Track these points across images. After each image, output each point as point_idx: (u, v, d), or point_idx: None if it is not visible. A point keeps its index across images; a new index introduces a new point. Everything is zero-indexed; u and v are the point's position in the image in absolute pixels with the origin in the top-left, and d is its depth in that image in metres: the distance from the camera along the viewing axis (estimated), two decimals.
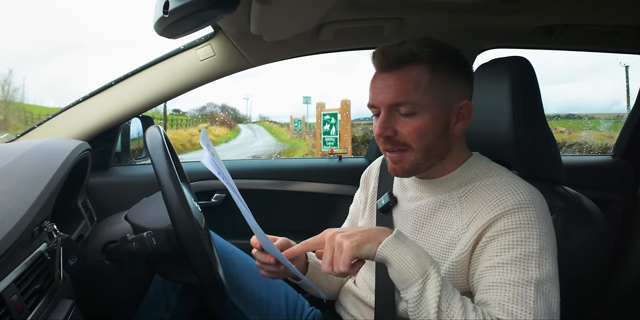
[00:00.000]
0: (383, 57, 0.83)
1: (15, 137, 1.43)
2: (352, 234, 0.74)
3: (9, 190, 0.80)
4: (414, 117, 0.83)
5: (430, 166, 0.88)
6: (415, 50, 0.82)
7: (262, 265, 0.90)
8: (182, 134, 12.14)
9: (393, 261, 0.73)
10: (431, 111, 0.82)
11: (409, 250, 0.73)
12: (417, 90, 0.81)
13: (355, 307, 1.01)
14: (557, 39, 1.42)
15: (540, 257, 0.75)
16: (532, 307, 0.71)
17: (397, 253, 0.73)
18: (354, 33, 1.37)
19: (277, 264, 0.87)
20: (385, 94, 0.83)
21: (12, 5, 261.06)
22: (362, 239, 0.74)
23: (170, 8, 0.78)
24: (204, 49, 1.39)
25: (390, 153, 0.87)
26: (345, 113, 4.20)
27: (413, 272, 0.72)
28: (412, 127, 0.83)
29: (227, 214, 1.65)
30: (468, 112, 0.87)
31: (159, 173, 0.89)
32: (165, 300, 1.17)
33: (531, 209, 0.78)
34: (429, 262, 0.73)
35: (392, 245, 0.73)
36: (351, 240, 0.73)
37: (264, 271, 0.91)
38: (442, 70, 0.83)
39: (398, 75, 0.82)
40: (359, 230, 0.76)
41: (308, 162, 1.88)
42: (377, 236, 0.75)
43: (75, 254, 0.91)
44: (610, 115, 7.30)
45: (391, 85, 0.82)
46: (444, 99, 0.84)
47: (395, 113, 0.84)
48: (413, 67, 0.82)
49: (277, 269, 0.89)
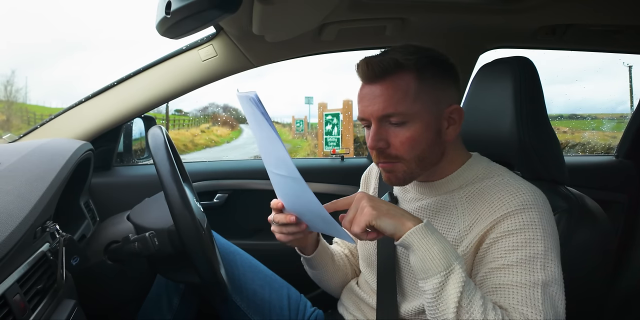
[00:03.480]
0: (367, 68, 0.81)
1: (18, 137, 1.43)
2: (379, 204, 0.75)
3: (11, 190, 0.81)
4: (405, 126, 0.81)
5: (425, 173, 0.87)
6: (400, 58, 0.80)
7: (281, 227, 0.87)
8: (184, 134, 12.16)
9: (418, 249, 0.72)
10: (422, 119, 0.81)
11: (437, 242, 0.72)
12: (406, 99, 0.80)
13: (357, 307, 1.01)
14: (559, 39, 1.41)
15: (546, 258, 0.74)
16: (541, 309, 0.71)
17: (424, 242, 0.72)
18: (356, 33, 1.37)
19: (297, 223, 0.85)
20: (373, 106, 0.82)
21: (18, 9, 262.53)
22: (385, 212, 0.74)
23: (173, 8, 0.78)
24: (206, 49, 1.39)
25: (382, 164, 0.86)
26: (348, 113, 4.20)
27: (437, 263, 0.71)
28: (405, 137, 0.81)
29: (230, 214, 1.65)
30: (459, 116, 0.85)
31: (161, 173, 0.89)
32: (168, 300, 1.17)
33: (534, 210, 0.77)
34: (455, 257, 0.72)
35: (421, 233, 0.73)
36: (375, 208, 0.74)
37: (281, 234, 0.88)
38: (428, 77, 0.82)
39: (385, 86, 0.81)
40: (388, 204, 0.77)
41: (310, 162, 1.88)
42: (403, 217, 0.75)
43: (77, 254, 0.92)
44: (613, 115, 7.28)
45: (379, 96, 0.81)
46: (434, 105, 0.82)
47: (386, 124, 0.83)
48: (399, 76, 0.81)
49: (298, 229, 0.86)
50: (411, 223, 0.74)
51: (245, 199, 1.65)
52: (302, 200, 0.78)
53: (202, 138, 12.07)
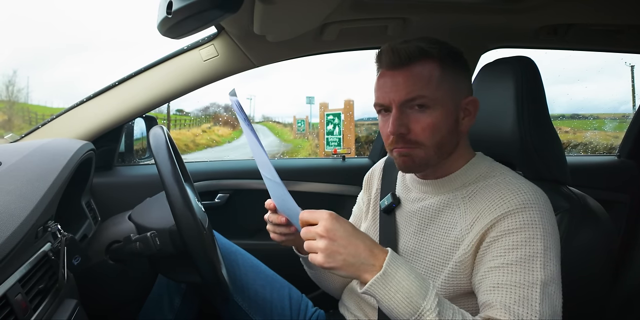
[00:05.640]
0: (393, 55, 0.83)
1: (19, 137, 1.43)
2: (334, 250, 0.70)
3: (13, 190, 0.81)
4: (427, 112, 0.82)
5: (439, 162, 0.87)
6: (425, 46, 0.82)
7: (274, 227, 0.90)
8: (186, 134, 12.17)
9: (382, 299, 0.70)
10: (443, 106, 0.83)
11: (398, 289, 0.69)
12: (430, 85, 0.82)
13: (358, 307, 1.01)
14: (561, 39, 1.41)
15: (545, 257, 0.74)
16: (537, 309, 0.71)
17: (386, 291, 0.69)
18: (357, 33, 1.37)
19: (288, 225, 0.87)
20: (396, 92, 0.82)
21: (20, 12, 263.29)
22: (341, 264, 0.70)
23: (174, 8, 0.78)
24: (207, 49, 1.39)
25: (399, 148, 0.85)
26: (349, 113, 4.20)
27: (404, 311, 0.69)
28: (426, 123, 0.82)
29: (231, 214, 1.65)
30: (474, 108, 0.87)
31: (163, 173, 0.89)
32: (169, 300, 1.17)
33: (535, 209, 0.77)
34: (423, 297, 0.69)
35: (380, 283, 0.70)
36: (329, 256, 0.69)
37: (275, 235, 0.91)
38: (450, 66, 0.84)
39: (409, 72, 0.82)
40: (346, 251, 0.70)
41: (311, 162, 1.88)
42: (359, 270, 0.70)
43: (79, 253, 0.92)
44: (616, 115, 7.26)
45: (402, 82, 0.82)
46: (454, 94, 0.84)
47: (407, 110, 0.83)
48: (423, 63, 0.82)
49: (288, 231, 0.89)
50: (368, 274, 0.70)
51: (246, 199, 1.65)
52: (287, 204, 0.80)
53: (204, 138, 12.09)
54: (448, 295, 0.82)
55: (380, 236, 0.99)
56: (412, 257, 0.90)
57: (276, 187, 0.81)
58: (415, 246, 0.90)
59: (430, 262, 0.87)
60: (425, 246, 0.88)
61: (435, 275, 0.85)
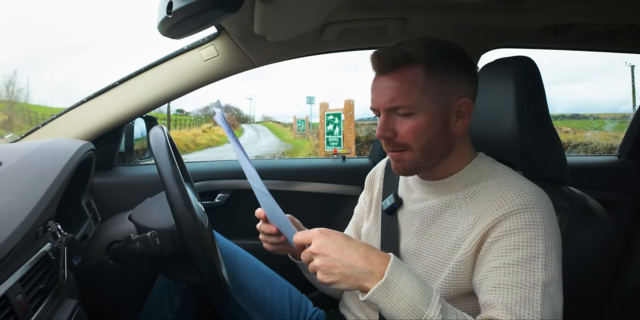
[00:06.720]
0: (378, 60, 0.84)
1: (19, 137, 1.43)
2: (330, 265, 0.71)
3: (13, 190, 0.81)
4: (411, 117, 0.83)
5: (432, 165, 0.88)
6: (410, 51, 0.82)
7: (265, 237, 0.93)
8: (186, 134, 12.16)
9: (384, 307, 0.70)
10: (429, 111, 0.83)
11: (401, 296, 0.69)
12: (413, 91, 0.82)
13: (359, 307, 1.01)
14: (561, 39, 1.41)
15: (546, 258, 0.74)
16: (539, 310, 0.71)
17: (388, 300, 0.70)
18: (357, 33, 1.37)
19: (278, 234, 0.90)
20: (382, 97, 0.84)
21: (20, 12, 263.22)
22: (339, 277, 0.71)
23: (174, 8, 0.78)
24: (207, 49, 1.39)
25: (391, 153, 0.89)
26: (349, 113, 4.20)
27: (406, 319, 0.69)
28: (410, 127, 0.83)
29: (231, 214, 1.65)
30: (468, 110, 0.86)
31: (163, 173, 0.89)
32: (169, 300, 1.17)
33: (536, 210, 0.77)
34: (426, 304, 0.69)
35: (382, 292, 0.70)
36: (326, 272, 0.71)
37: (267, 244, 0.94)
38: (439, 70, 0.83)
39: (394, 78, 0.83)
40: (341, 264, 0.71)
41: (311, 162, 1.88)
42: (359, 279, 0.71)
43: (79, 253, 0.92)
44: (616, 115, 7.26)
45: (387, 88, 0.83)
46: (442, 98, 0.83)
47: (393, 114, 0.85)
48: (408, 68, 0.82)
49: (279, 240, 0.92)
50: (369, 283, 0.71)
51: (246, 199, 1.65)
52: (276, 213, 0.83)
53: (204, 138, 12.08)
54: (448, 295, 0.82)
55: (382, 236, 0.99)
56: (413, 257, 0.90)
57: (265, 198, 0.83)
58: (417, 246, 0.90)
59: (431, 262, 0.87)
60: (427, 246, 0.88)
61: (435, 275, 0.85)
